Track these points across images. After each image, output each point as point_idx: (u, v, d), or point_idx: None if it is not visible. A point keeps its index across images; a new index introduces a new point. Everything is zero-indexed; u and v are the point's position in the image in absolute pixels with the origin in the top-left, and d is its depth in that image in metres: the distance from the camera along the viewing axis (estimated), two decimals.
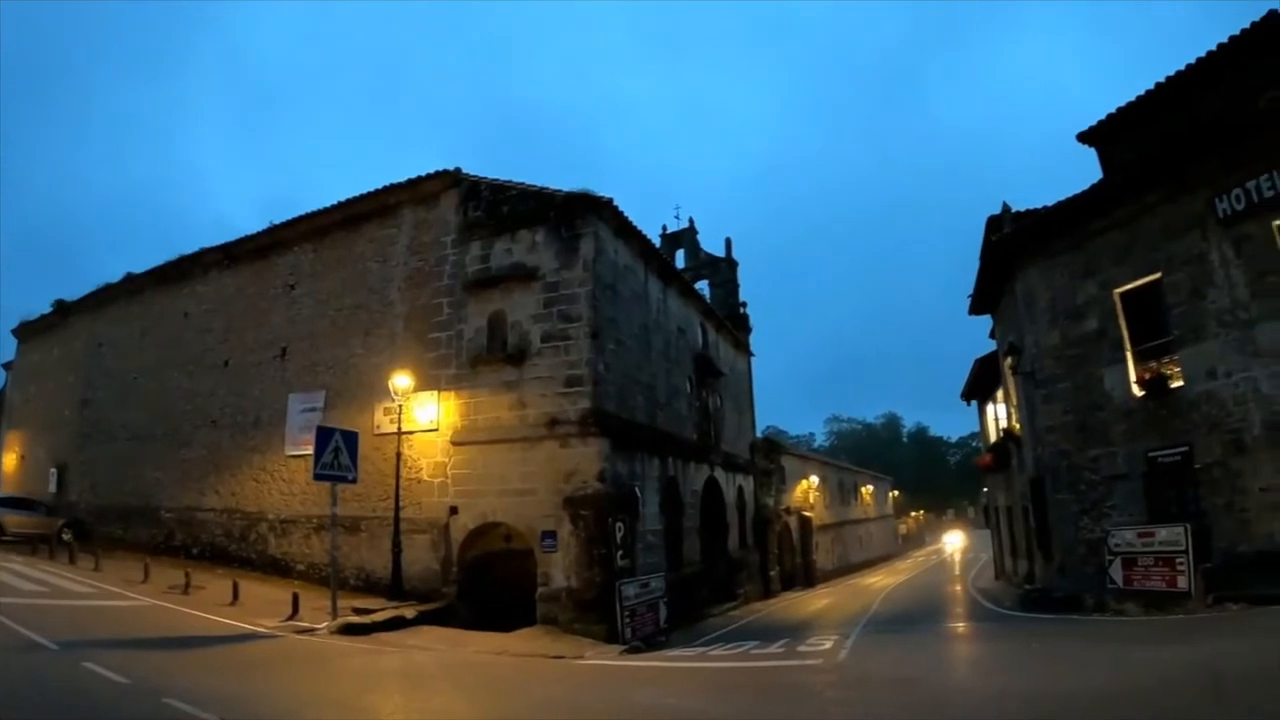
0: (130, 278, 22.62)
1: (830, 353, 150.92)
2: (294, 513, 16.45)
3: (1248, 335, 10.29)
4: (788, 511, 29.59)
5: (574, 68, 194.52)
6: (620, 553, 13.27)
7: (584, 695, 7.73)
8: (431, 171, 15.96)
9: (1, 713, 5.27)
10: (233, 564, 16.59)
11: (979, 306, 18.53)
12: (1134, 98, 12.53)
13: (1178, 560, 10.07)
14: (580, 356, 13.77)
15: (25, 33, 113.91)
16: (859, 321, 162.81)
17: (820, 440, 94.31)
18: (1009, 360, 14.76)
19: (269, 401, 17.56)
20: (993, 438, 22.66)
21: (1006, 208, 14.54)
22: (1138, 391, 11.91)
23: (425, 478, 14.58)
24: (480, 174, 15.73)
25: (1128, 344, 12.19)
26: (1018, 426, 17.34)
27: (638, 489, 14.65)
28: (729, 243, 30.28)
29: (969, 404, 26.46)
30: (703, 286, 27.30)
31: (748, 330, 28.52)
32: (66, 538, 18.20)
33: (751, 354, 28.58)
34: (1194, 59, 11.59)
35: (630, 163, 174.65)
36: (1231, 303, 10.51)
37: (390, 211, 16.59)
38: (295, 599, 11.87)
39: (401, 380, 13.95)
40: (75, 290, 24.33)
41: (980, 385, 23.38)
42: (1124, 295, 12.26)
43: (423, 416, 14.67)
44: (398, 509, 13.66)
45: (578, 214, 14.36)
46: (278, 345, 17.83)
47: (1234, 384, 10.43)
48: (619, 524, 13.37)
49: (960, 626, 13.23)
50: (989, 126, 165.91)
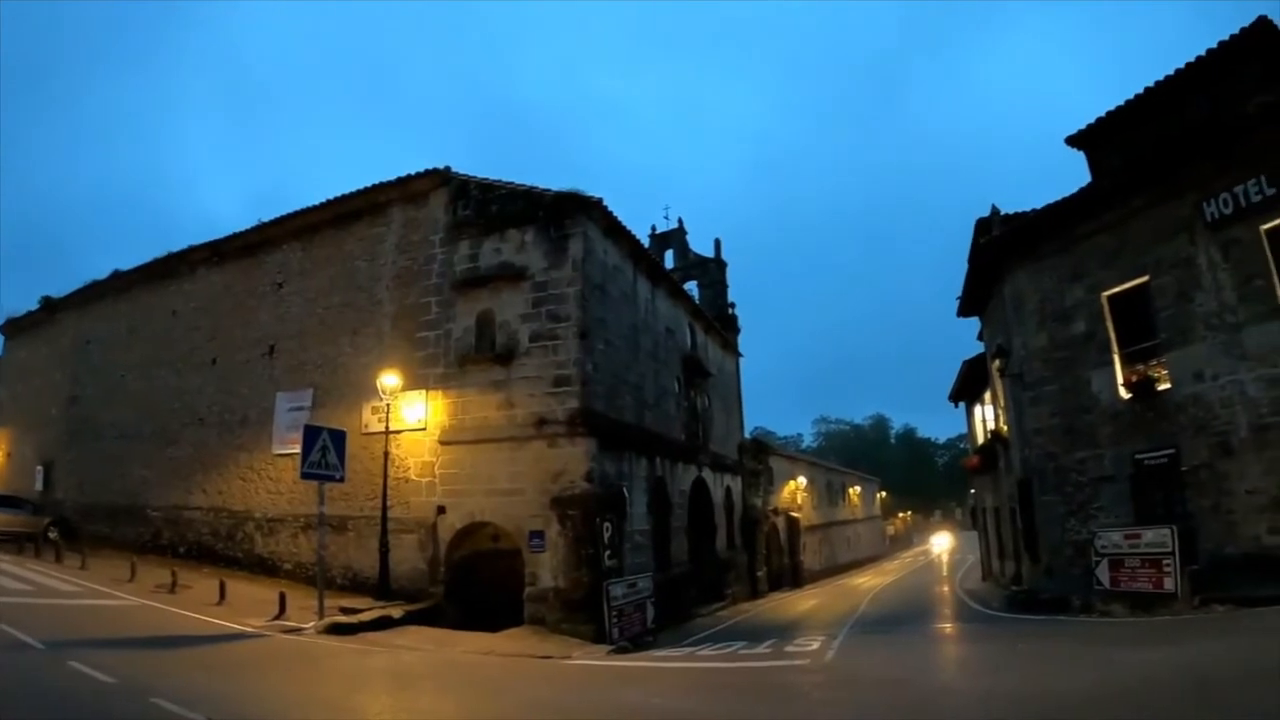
0: (118, 275, 22.45)
1: (819, 354, 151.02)
2: (281, 512, 16.34)
3: (1235, 338, 10.35)
4: (775, 512, 29.58)
5: (564, 67, 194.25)
6: (608, 553, 13.26)
7: (571, 695, 7.71)
8: (421, 170, 15.88)
9: None
10: (220, 563, 16.48)
11: (967, 309, 18.60)
12: (1123, 102, 12.60)
13: (1164, 562, 10.13)
14: (568, 356, 13.74)
15: (13, 29, 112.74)
16: (847, 323, 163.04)
17: (808, 441, 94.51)
18: (997, 362, 14.84)
19: (257, 400, 17.45)
20: (980, 439, 22.78)
21: (995, 210, 14.61)
22: (1125, 394, 11.98)
23: (413, 477, 14.51)
24: (470, 173, 15.68)
25: (1115, 347, 12.26)
26: (1005, 428, 17.43)
27: (625, 489, 14.63)
28: (718, 244, 30.36)
29: (957, 406, 26.57)
30: (691, 287, 27.26)
31: (736, 331, 28.55)
32: (53, 536, 18.06)
33: (740, 354, 28.62)
34: (1183, 64, 11.65)
35: (620, 162, 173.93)
36: (1219, 306, 10.58)
37: (379, 210, 16.50)
38: (282, 598, 11.78)
39: (389, 379, 13.88)
40: (63, 287, 24.10)
41: (968, 387, 23.50)
42: (1112, 298, 12.33)
43: (410, 416, 14.60)
44: (385, 508, 13.61)
45: (567, 214, 14.32)
46: (266, 343, 17.71)
47: (1221, 387, 10.50)
48: (606, 524, 13.35)
49: (948, 627, 13.28)
50: (979, 128, 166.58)
